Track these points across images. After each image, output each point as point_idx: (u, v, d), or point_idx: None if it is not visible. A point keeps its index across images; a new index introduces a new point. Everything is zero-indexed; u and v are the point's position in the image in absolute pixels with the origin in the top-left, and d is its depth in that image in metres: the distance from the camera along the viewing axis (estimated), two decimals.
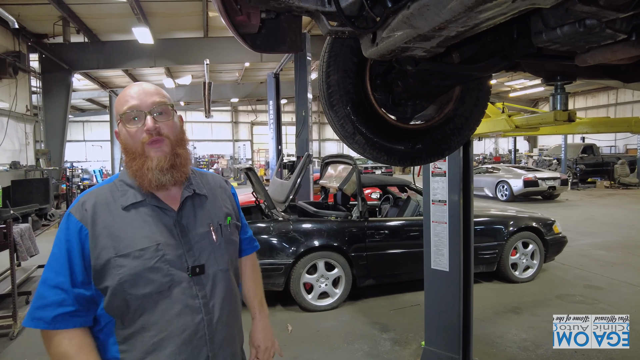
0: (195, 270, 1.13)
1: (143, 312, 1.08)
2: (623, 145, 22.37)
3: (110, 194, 1.15)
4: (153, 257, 1.09)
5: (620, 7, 0.96)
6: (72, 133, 24.93)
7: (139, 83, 1.21)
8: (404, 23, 1.03)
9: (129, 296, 1.07)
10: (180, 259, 1.13)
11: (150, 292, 1.08)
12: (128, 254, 1.08)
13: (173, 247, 1.12)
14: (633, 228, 8.52)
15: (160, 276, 1.09)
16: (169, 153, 1.14)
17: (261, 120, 29.64)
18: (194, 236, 1.17)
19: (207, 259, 1.17)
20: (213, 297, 1.16)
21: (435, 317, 3.08)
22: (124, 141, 1.15)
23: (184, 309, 1.11)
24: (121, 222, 1.11)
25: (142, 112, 1.13)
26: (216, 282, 1.17)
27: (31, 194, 8.45)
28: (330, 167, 5.88)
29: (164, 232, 1.13)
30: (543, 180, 12.74)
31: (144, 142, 1.13)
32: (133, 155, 1.13)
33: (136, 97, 1.14)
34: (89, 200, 1.13)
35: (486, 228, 4.94)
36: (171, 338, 1.09)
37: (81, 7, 9.91)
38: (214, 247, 1.20)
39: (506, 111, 2.76)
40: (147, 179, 1.12)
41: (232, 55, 12.65)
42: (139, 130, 1.13)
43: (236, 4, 1.19)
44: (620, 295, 4.63)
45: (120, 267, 1.07)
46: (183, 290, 1.11)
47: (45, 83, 11.77)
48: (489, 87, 1.81)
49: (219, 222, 1.24)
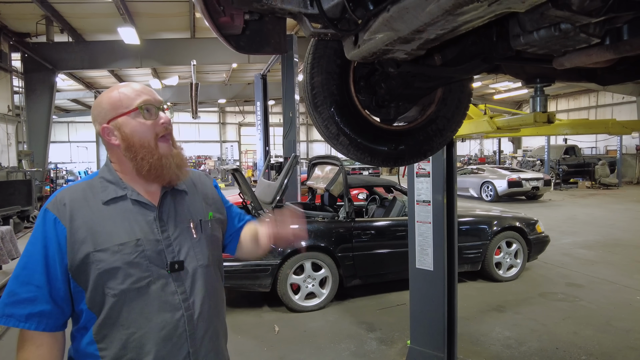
0: (175, 267, 1.13)
1: (122, 308, 1.07)
2: (604, 146, 22.88)
3: (90, 189, 1.14)
4: (133, 252, 1.08)
5: (592, 12, 1.00)
6: (56, 134, 24.53)
7: (131, 83, 1.20)
8: (384, 26, 1.04)
9: (108, 291, 1.06)
10: (160, 255, 1.12)
11: (129, 288, 1.07)
12: (107, 248, 1.07)
13: (152, 243, 1.12)
14: (613, 227, 8.72)
15: (139, 271, 1.08)
16: (176, 149, 1.19)
17: (249, 121, 29.53)
18: (173, 232, 1.16)
19: (186, 255, 1.16)
20: (193, 293, 1.15)
21: (421, 316, 3.11)
22: (129, 135, 1.12)
23: (163, 305, 1.10)
24: (100, 217, 1.10)
25: (154, 106, 1.15)
26: (196, 279, 1.17)
27: (13, 195, 8.28)
28: (318, 168, 5.89)
29: (144, 228, 1.12)
30: (527, 180, 12.97)
31: (158, 135, 1.15)
32: (144, 149, 1.12)
33: (146, 92, 1.16)
34: (67, 195, 1.12)
35: (471, 228, 5.01)
36: (150, 335, 1.09)
37: (65, 6, 9.77)
38: (193, 242, 1.19)
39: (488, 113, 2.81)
40: (167, 172, 1.15)
41: (220, 56, 12.60)
42: (154, 123, 1.15)
43: (219, 6, 1.19)
44: (600, 293, 4.74)
45: (99, 262, 1.06)
46: (162, 286, 1.11)
47: (28, 83, 11.56)
48: (470, 89, 1.84)
49: (199, 217, 1.24)
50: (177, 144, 1.22)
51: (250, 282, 4.16)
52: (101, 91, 18.68)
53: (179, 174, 1.17)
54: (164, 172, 1.14)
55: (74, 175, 21.81)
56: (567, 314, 4.16)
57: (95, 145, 20.01)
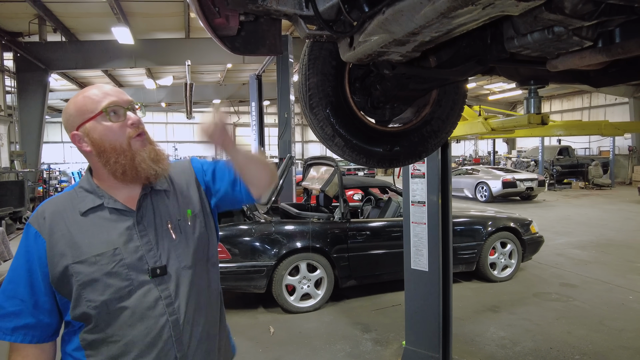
0: (156, 272, 1.11)
1: (106, 318, 1.07)
2: (597, 147, 23.06)
3: (70, 201, 1.13)
4: (110, 262, 1.07)
5: (584, 16, 1.01)
6: (49, 134, 24.30)
7: (99, 85, 1.17)
8: (379, 28, 1.05)
9: (89, 303, 1.06)
10: (141, 261, 1.10)
11: (110, 298, 1.06)
12: (85, 260, 1.06)
13: (132, 250, 1.10)
14: (606, 227, 8.79)
15: (118, 281, 1.07)
16: (151, 144, 1.15)
17: (243, 121, 29.45)
18: (153, 236, 1.14)
19: (167, 259, 1.14)
20: (178, 297, 1.13)
21: (416, 317, 3.12)
22: (99, 140, 1.09)
23: (146, 312, 1.09)
24: (79, 229, 1.09)
25: (122, 107, 1.12)
26: (180, 282, 1.14)
27: (5, 196, 8.22)
28: (313, 169, 5.89)
29: (123, 235, 1.10)
30: (521, 181, 13.05)
31: (130, 137, 1.11)
32: (116, 152, 1.09)
33: (112, 94, 1.12)
34: (47, 209, 1.11)
35: (465, 228, 5.03)
36: (135, 342, 1.08)
37: (58, 6, 9.70)
38: (173, 244, 1.16)
39: (483, 114, 2.82)
40: (142, 169, 1.11)
41: (214, 57, 12.56)
42: (123, 125, 1.11)
43: (214, 7, 1.19)
44: (593, 293, 4.77)
45: (78, 274, 1.05)
46: (144, 293, 1.09)
47: (21, 82, 11.46)
48: (465, 90, 1.85)
49: (177, 218, 1.20)
50: (154, 141, 1.19)
51: (245, 283, 4.15)
52: None
53: (157, 168, 1.13)
54: (139, 171, 1.11)
55: (67, 176, 21.61)
56: (561, 313, 4.19)
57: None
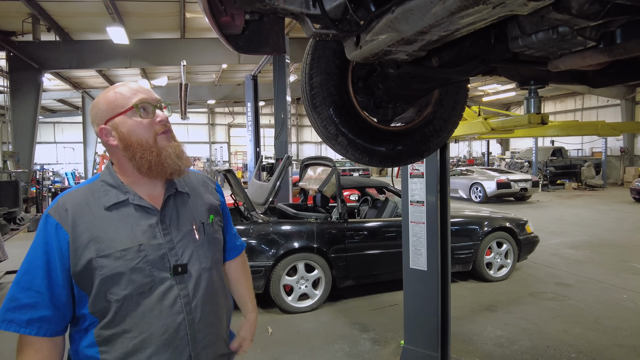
0: (178, 270, 1.13)
1: (125, 313, 1.08)
2: (589, 148, 23.28)
3: (92, 194, 1.13)
4: (135, 257, 1.08)
5: (590, 16, 1.02)
6: (42, 134, 24.12)
7: (128, 82, 1.20)
8: (387, 27, 1.05)
9: (111, 296, 1.06)
10: (163, 259, 1.12)
11: (131, 293, 1.07)
12: (109, 254, 1.07)
13: (155, 248, 1.12)
14: (599, 227, 8.88)
15: (141, 277, 1.09)
16: (175, 142, 1.19)
17: (239, 122, 29.41)
18: (176, 235, 1.16)
19: (189, 258, 1.16)
20: (196, 296, 1.15)
21: (414, 316, 3.13)
22: (127, 135, 1.12)
23: (165, 309, 1.10)
24: (103, 223, 1.09)
25: (151, 105, 1.15)
26: (199, 282, 1.17)
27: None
28: (310, 169, 5.89)
29: (147, 232, 1.12)
30: (515, 182, 13.14)
31: (157, 133, 1.14)
32: (142, 148, 1.12)
33: (142, 91, 1.15)
34: (69, 200, 1.11)
35: (462, 228, 5.05)
36: (152, 339, 1.09)
37: (52, 5, 9.62)
38: (196, 245, 1.19)
39: (482, 114, 2.84)
40: (167, 164, 1.14)
41: (209, 57, 12.52)
42: (151, 121, 1.14)
43: (221, 5, 1.19)
44: (588, 292, 4.82)
45: (102, 268, 1.06)
46: (165, 290, 1.11)
47: (13, 82, 11.34)
48: (466, 90, 1.87)
49: (201, 220, 1.24)
50: (177, 139, 1.22)
51: None
52: (88, 91, 18.31)
53: (180, 164, 1.17)
54: (165, 166, 1.14)
55: (60, 176, 21.45)
56: (557, 312, 4.23)
57: (83, 146, 19.62)
